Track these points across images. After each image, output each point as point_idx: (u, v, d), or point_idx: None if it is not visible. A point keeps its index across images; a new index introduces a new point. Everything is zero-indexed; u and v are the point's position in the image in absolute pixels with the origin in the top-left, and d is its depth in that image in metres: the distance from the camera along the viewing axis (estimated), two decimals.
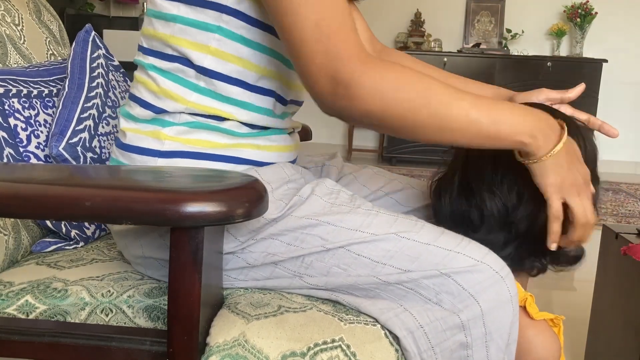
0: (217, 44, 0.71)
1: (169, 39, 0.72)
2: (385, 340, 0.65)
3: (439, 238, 0.68)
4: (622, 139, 4.76)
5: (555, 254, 0.80)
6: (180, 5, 0.71)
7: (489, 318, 0.65)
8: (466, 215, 0.81)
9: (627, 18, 4.68)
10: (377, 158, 4.90)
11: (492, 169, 0.78)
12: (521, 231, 0.78)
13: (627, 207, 3.37)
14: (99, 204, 0.52)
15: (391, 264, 0.66)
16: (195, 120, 0.74)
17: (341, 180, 0.96)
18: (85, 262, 0.83)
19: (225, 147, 0.75)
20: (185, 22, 0.71)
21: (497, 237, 0.79)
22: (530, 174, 0.70)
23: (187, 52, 0.72)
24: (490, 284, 0.65)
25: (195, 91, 0.73)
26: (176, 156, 0.73)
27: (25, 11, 1.08)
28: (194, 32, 0.71)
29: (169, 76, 0.74)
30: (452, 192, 0.82)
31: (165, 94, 0.73)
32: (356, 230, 0.67)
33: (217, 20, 0.70)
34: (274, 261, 0.69)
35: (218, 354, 0.60)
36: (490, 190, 0.78)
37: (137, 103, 0.76)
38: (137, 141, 0.75)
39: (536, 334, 0.78)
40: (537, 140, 0.66)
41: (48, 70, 1.00)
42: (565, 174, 0.68)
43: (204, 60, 0.72)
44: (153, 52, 0.75)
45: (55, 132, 0.89)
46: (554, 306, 1.81)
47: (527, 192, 0.76)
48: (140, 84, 0.76)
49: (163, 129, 0.73)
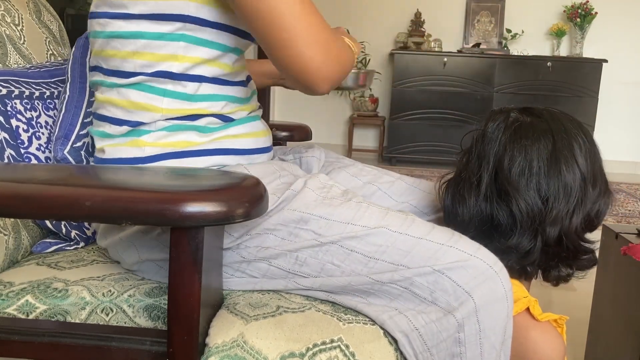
0: (183, 51, 0.73)
1: (132, 55, 0.73)
2: (384, 339, 0.65)
3: (431, 232, 0.68)
4: (622, 139, 4.76)
5: (579, 264, 0.82)
6: (141, 21, 0.72)
7: (483, 314, 0.65)
8: (492, 219, 0.79)
9: (627, 18, 4.67)
10: (377, 158, 4.90)
11: (519, 171, 0.78)
12: (552, 237, 0.77)
13: (627, 207, 3.37)
14: (99, 204, 0.52)
15: (384, 259, 0.66)
16: (172, 124, 0.75)
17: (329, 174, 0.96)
18: (85, 263, 0.83)
19: (204, 143, 0.76)
20: (149, 37, 0.72)
21: (524, 242, 0.78)
22: None
23: (153, 64, 0.73)
24: (484, 279, 0.65)
25: (165, 96, 0.74)
26: (158, 159, 0.74)
27: (25, 11, 1.08)
28: (159, 44, 0.72)
29: (137, 88, 0.74)
30: (478, 195, 0.80)
31: (137, 107, 0.74)
32: (348, 224, 0.68)
33: (180, 30, 0.72)
34: (268, 256, 0.69)
35: (217, 355, 0.60)
36: (518, 193, 0.77)
37: (109, 122, 0.77)
38: (116, 153, 0.76)
39: (541, 334, 0.78)
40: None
41: (49, 71, 1.00)
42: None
43: (171, 67, 0.73)
44: (113, 72, 0.76)
45: (60, 136, 0.89)
46: (554, 306, 1.81)
47: (556, 197, 0.77)
48: (107, 103, 0.77)
49: (141, 137, 0.75)
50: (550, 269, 0.81)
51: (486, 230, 0.80)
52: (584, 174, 0.78)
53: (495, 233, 0.80)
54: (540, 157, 0.78)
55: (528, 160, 0.78)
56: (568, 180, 0.77)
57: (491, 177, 0.80)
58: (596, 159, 0.81)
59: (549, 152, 0.78)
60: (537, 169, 0.77)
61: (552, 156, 0.77)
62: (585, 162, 0.78)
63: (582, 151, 0.79)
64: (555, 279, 0.83)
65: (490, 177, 0.80)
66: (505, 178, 0.78)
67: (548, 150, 0.78)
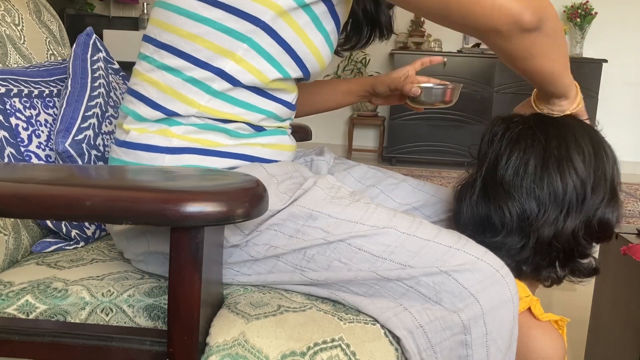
0: (243, 53, 0.72)
1: (194, 38, 0.72)
2: (385, 339, 0.65)
3: (438, 235, 0.68)
4: (622, 139, 4.76)
5: (573, 267, 0.82)
6: (214, 9, 0.70)
7: (490, 317, 0.65)
8: (487, 219, 0.81)
9: (627, 18, 4.67)
10: (377, 158, 4.90)
11: (513, 172, 0.80)
12: (544, 238, 0.78)
13: (627, 207, 3.37)
14: (99, 204, 0.52)
15: (391, 259, 0.66)
16: (204, 123, 0.75)
17: (334, 176, 0.97)
18: (85, 262, 0.83)
19: (230, 146, 0.76)
20: (216, 27, 0.71)
21: (514, 240, 0.79)
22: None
23: (209, 54, 0.72)
24: (491, 283, 0.65)
25: (208, 93, 0.73)
26: (184, 152, 0.74)
27: (25, 11, 1.08)
28: (223, 37, 0.71)
29: (182, 76, 0.73)
30: (473, 195, 0.83)
31: (178, 97, 0.73)
32: (356, 223, 0.68)
33: (250, 32, 0.71)
34: (277, 254, 0.70)
35: (218, 354, 0.60)
36: (509, 194, 0.79)
37: (143, 102, 0.76)
38: (143, 139, 0.75)
39: (542, 334, 0.78)
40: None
41: (48, 70, 1.00)
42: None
43: (226, 65, 0.72)
44: (166, 47, 0.74)
45: (61, 129, 0.89)
46: (554, 306, 1.81)
47: (547, 199, 0.78)
48: (147, 82, 0.76)
49: (171, 128, 0.74)
50: (542, 269, 0.81)
51: (480, 227, 0.82)
52: (582, 179, 0.79)
53: (487, 230, 0.81)
54: (532, 162, 0.80)
55: (522, 163, 0.80)
56: (560, 185, 0.78)
57: (486, 178, 0.83)
58: (601, 166, 0.81)
59: (541, 158, 0.80)
60: (530, 173, 0.79)
61: (544, 162, 0.80)
62: (585, 168, 0.79)
63: (583, 157, 0.80)
64: (547, 280, 0.83)
65: (485, 178, 0.83)
66: (499, 179, 0.81)
67: (540, 156, 0.80)
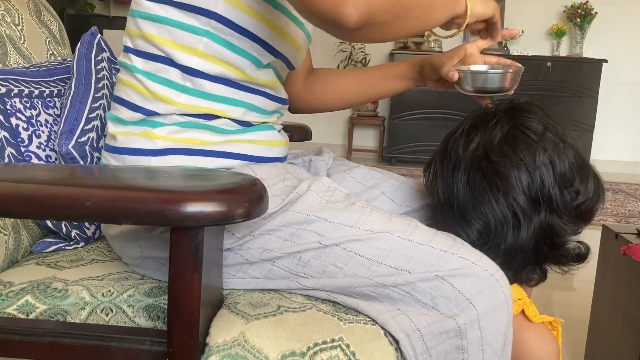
0: (204, 47, 0.73)
1: (154, 38, 0.74)
2: (385, 339, 0.65)
3: (434, 239, 0.68)
4: (622, 138, 4.76)
5: (555, 257, 0.80)
6: (170, 8, 0.73)
7: (485, 321, 0.65)
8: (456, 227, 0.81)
9: (627, 18, 4.67)
10: (376, 158, 4.90)
11: (463, 197, 0.80)
12: (509, 247, 0.77)
13: (627, 207, 3.37)
14: (99, 204, 0.52)
15: (387, 263, 0.66)
16: (186, 120, 0.75)
17: (333, 177, 0.96)
18: (85, 262, 0.83)
19: (216, 143, 0.76)
20: (173, 24, 0.73)
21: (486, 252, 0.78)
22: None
23: (173, 52, 0.73)
24: (486, 287, 0.65)
25: (183, 92, 0.75)
26: (169, 153, 0.74)
27: (25, 11, 1.08)
28: (182, 34, 0.73)
29: (156, 78, 0.75)
30: (437, 224, 0.82)
31: (154, 96, 0.75)
32: (352, 227, 0.68)
33: (205, 25, 0.72)
34: (271, 257, 0.69)
35: (218, 354, 0.60)
36: (465, 219, 0.79)
37: (125, 106, 0.77)
38: (128, 143, 0.76)
39: (534, 337, 0.78)
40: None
41: (49, 70, 1.00)
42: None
43: (191, 61, 0.73)
44: (138, 52, 0.76)
45: (65, 131, 0.89)
46: (553, 306, 1.81)
47: (495, 220, 0.78)
48: (127, 86, 0.77)
49: (154, 129, 0.75)
50: (519, 272, 0.80)
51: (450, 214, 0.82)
52: (518, 202, 0.77)
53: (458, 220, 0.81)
54: (480, 185, 0.80)
55: (471, 188, 0.80)
56: (497, 210, 0.77)
57: (443, 208, 0.83)
58: (566, 158, 0.79)
59: (487, 181, 0.79)
60: (478, 196, 0.79)
61: (490, 186, 0.79)
62: (523, 188, 0.78)
63: (525, 172, 0.78)
64: (530, 280, 0.81)
65: (442, 208, 0.83)
66: (455, 207, 0.81)
67: (486, 179, 0.80)
